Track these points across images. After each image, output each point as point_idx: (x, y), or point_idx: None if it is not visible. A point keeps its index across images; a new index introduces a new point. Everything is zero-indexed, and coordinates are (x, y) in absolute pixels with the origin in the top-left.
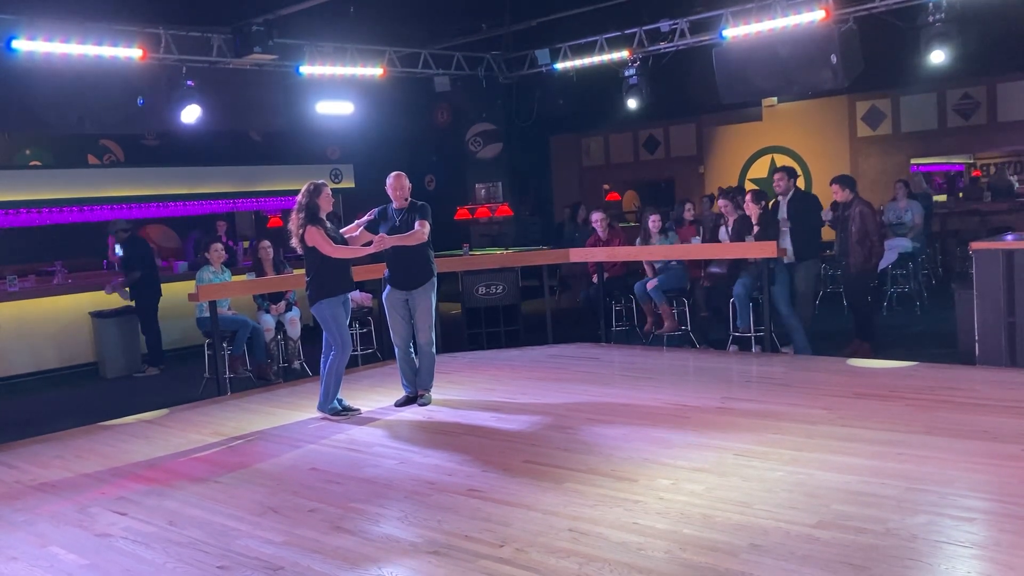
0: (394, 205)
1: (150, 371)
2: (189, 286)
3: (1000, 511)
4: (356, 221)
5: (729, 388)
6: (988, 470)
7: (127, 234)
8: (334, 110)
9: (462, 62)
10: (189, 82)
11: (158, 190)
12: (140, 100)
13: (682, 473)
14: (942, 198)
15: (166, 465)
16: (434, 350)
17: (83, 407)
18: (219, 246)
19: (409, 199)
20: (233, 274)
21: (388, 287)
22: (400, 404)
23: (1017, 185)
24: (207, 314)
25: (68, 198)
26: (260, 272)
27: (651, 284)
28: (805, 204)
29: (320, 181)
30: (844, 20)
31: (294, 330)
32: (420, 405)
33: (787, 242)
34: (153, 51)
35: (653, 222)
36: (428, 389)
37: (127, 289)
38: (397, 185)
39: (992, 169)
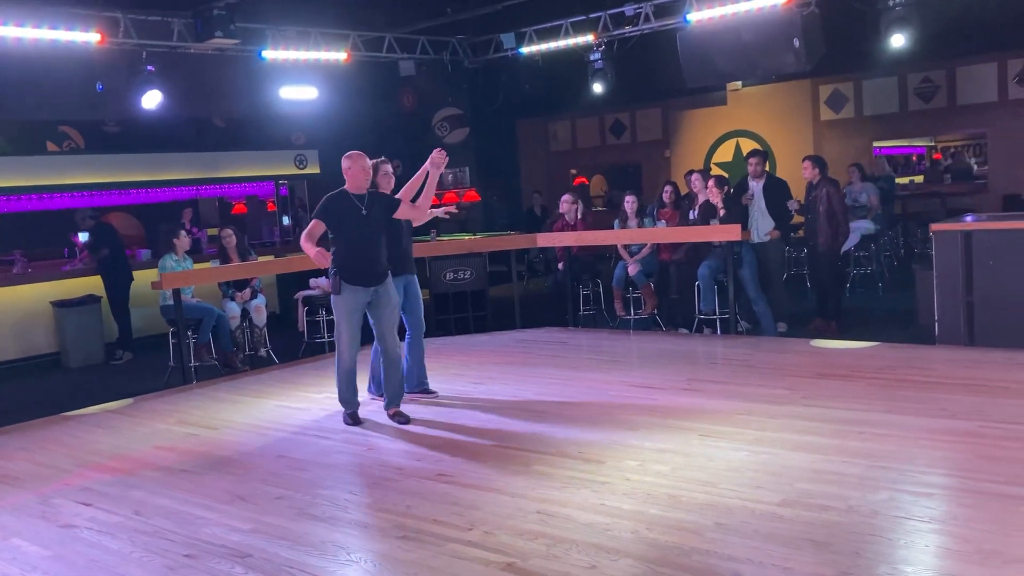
0: (353, 192)
1: (126, 356)
2: (152, 274)
3: (958, 486)
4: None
5: (695, 370)
6: (947, 446)
7: (93, 222)
8: (298, 95)
9: (427, 46)
10: (149, 67)
11: (119, 177)
12: (99, 86)
13: (648, 454)
14: (907, 180)
15: (131, 455)
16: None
17: (46, 398)
18: (184, 234)
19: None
20: (197, 262)
21: (343, 285)
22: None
23: (976, 168)
24: (171, 302)
25: (27, 186)
26: (225, 260)
27: (633, 270)
28: (779, 188)
29: (380, 159)
30: (806, 4)
31: (260, 318)
32: (400, 424)
33: (767, 224)
34: (112, 35)
35: (629, 204)
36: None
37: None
38: (360, 167)
39: (952, 151)
